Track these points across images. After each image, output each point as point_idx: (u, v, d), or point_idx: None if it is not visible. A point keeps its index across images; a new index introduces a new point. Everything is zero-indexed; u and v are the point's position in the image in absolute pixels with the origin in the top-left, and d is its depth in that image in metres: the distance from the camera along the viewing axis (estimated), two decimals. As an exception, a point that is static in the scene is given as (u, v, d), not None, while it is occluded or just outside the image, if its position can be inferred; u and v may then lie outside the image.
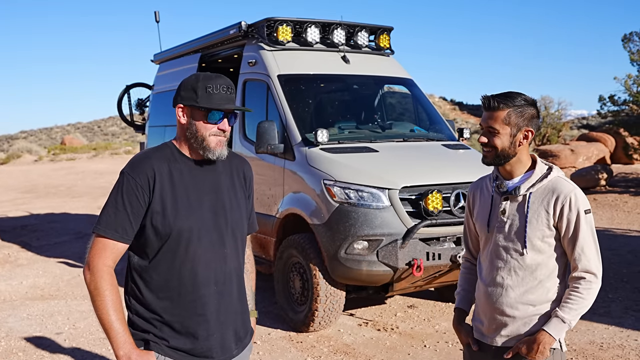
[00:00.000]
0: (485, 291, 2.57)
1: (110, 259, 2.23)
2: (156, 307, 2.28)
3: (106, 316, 2.18)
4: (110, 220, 2.22)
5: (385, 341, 5.61)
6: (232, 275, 2.39)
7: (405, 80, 7.34)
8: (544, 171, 2.49)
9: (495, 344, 2.55)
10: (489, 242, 2.56)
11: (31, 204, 16.36)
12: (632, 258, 8.58)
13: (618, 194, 14.43)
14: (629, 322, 5.98)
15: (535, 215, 2.44)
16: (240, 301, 2.45)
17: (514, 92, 2.45)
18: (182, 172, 2.31)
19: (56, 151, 34.42)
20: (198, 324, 2.29)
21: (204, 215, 2.31)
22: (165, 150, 2.35)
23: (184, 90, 2.30)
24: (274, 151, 6.02)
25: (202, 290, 2.29)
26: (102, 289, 2.18)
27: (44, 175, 25.10)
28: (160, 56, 9.16)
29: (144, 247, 2.28)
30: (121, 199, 2.22)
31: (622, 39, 15.33)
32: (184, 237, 2.25)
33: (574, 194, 2.42)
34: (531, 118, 2.45)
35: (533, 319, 2.48)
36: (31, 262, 9.15)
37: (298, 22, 6.83)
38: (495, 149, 2.44)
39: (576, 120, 45.85)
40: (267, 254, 6.41)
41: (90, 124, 62.57)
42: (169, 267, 2.27)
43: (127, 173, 2.26)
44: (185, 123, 2.32)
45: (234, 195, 2.43)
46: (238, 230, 2.42)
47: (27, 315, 6.52)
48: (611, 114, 16.87)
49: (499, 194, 2.53)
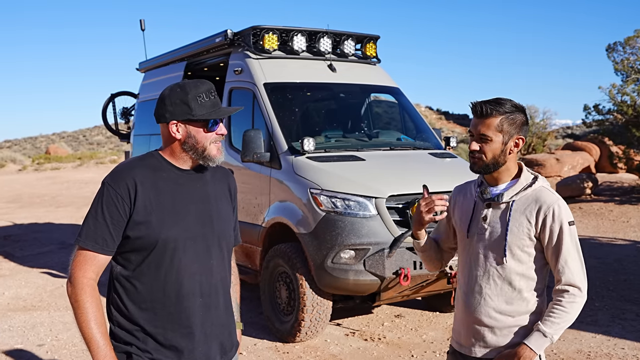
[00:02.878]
0: (463, 299, 2.52)
1: (92, 271, 2.17)
2: (139, 319, 2.21)
3: (87, 329, 2.12)
4: (90, 231, 2.17)
5: (373, 351, 5.56)
6: (219, 287, 2.33)
7: (392, 88, 7.34)
8: (529, 180, 2.45)
9: (474, 355, 2.48)
10: (468, 249, 2.51)
11: (15, 213, 16.17)
12: (618, 266, 8.61)
13: (603, 202, 14.51)
14: (616, 330, 5.97)
15: (516, 224, 2.39)
16: (227, 313, 2.39)
17: (504, 99, 2.41)
18: (168, 181, 2.26)
19: (41, 160, 34.13)
20: (182, 336, 2.24)
21: (190, 225, 2.25)
22: (150, 160, 2.30)
23: (172, 106, 2.23)
24: (260, 160, 5.98)
25: (187, 302, 2.24)
26: (82, 302, 2.13)
27: (28, 184, 24.86)
28: (146, 64, 9.10)
29: (128, 256, 2.22)
30: (101, 209, 2.17)
31: (606, 49, 15.46)
32: (169, 247, 2.20)
33: (558, 205, 2.37)
34: (522, 125, 2.41)
35: (512, 330, 2.42)
36: (14, 273, 9.01)
37: (284, 30, 6.81)
38: (486, 156, 2.39)
39: (561, 130, 46.22)
40: (253, 264, 6.35)
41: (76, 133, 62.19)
42: (153, 278, 2.21)
43: (107, 183, 2.21)
44: (182, 137, 2.25)
45: (221, 206, 2.39)
46: (225, 241, 2.37)
47: (8, 327, 6.40)
48: (596, 123, 16.98)
49: (482, 200, 2.48)
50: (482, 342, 2.45)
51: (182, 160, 2.30)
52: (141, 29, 9.54)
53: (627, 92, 14.86)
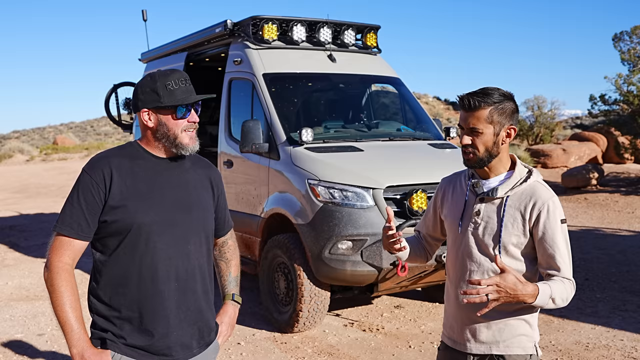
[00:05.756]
0: (455, 294, 2.46)
1: (67, 256, 2.20)
2: (115, 303, 2.24)
3: (62, 312, 2.15)
4: (67, 217, 2.21)
5: (370, 342, 5.56)
6: (196, 272, 2.34)
7: (392, 79, 7.29)
8: (524, 174, 2.40)
9: (469, 351, 2.44)
10: (460, 243, 2.45)
11: (21, 204, 16.26)
12: (622, 258, 8.56)
13: (609, 193, 14.43)
14: (616, 322, 5.95)
15: (511, 220, 2.35)
16: (205, 299, 2.40)
17: (491, 88, 2.36)
18: (146, 169, 2.30)
19: (48, 151, 34.25)
20: (157, 320, 2.25)
21: (166, 210, 2.28)
22: (128, 149, 2.35)
23: (143, 94, 2.29)
24: (259, 150, 5.97)
25: (162, 285, 2.25)
26: (57, 286, 2.17)
27: (35, 175, 24.96)
28: (148, 55, 9.10)
29: (105, 241, 2.26)
30: (77, 196, 2.22)
31: (613, 39, 15.33)
32: (144, 231, 2.22)
33: (552, 202, 2.33)
34: (512, 114, 2.36)
35: (508, 323, 2.38)
36: (18, 263, 9.07)
37: (284, 20, 6.78)
38: (478, 149, 2.35)
39: (570, 120, 45.91)
40: (252, 254, 6.36)
41: (83, 123, 62.34)
42: (129, 262, 2.23)
43: (84, 171, 2.26)
44: (154, 125, 2.30)
45: (200, 194, 2.40)
46: (203, 227, 2.38)
47: (9, 317, 6.45)
48: (602, 114, 16.86)
49: (475, 194, 2.43)
50: (477, 338, 2.42)
51: (157, 148, 2.34)
52: (143, 19, 9.50)
53: (634, 82, 14.74)
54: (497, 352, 2.40)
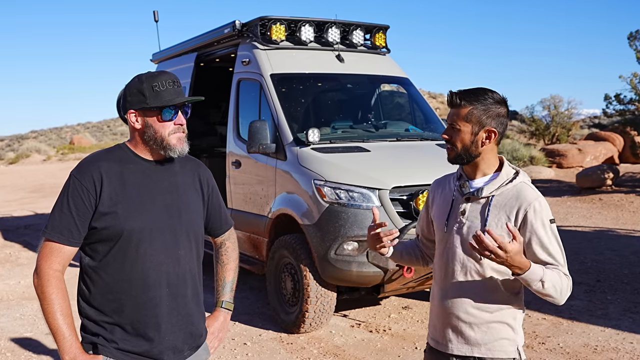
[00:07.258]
0: (439, 294, 2.46)
1: (57, 263, 2.19)
2: (106, 309, 2.23)
3: (53, 320, 2.14)
4: (56, 223, 2.19)
5: (377, 343, 5.55)
6: (187, 277, 2.34)
7: (401, 79, 7.27)
8: (510, 175, 2.38)
9: (450, 352, 2.42)
10: (445, 243, 2.44)
11: (37, 203, 16.43)
12: (635, 259, 8.45)
13: (624, 194, 14.25)
14: (626, 324, 5.88)
15: (495, 220, 2.33)
16: (196, 302, 2.40)
17: (482, 89, 2.35)
18: (136, 173, 2.28)
19: (65, 151, 34.61)
20: (149, 326, 2.25)
21: (157, 215, 2.26)
22: (117, 152, 2.32)
23: (130, 96, 2.27)
24: (266, 151, 5.98)
25: (153, 291, 2.24)
26: (48, 294, 2.15)
27: (51, 174, 25.22)
28: (159, 56, 9.15)
29: (95, 247, 2.24)
30: (67, 202, 2.19)
31: (628, 37, 15.15)
32: (134, 237, 2.21)
33: (538, 202, 2.30)
34: (496, 117, 2.34)
35: (490, 325, 2.36)
36: (31, 262, 9.16)
37: (292, 20, 6.77)
38: (456, 146, 2.36)
39: (588, 120, 45.42)
40: (259, 254, 6.37)
41: (100, 123, 62.77)
42: (119, 268, 2.22)
43: (73, 175, 2.23)
44: (141, 127, 2.28)
45: (190, 197, 2.39)
46: (193, 231, 2.37)
47: (20, 315, 6.52)
48: (617, 113, 16.66)
49: (461, 193, 2.42)
50: (459, 339, 2.40)
51: (146, 151, 2.32)
52: (155, 20, 9.55)
53: (649, 81, 14.57)
54: (478, 354, 2.38)
